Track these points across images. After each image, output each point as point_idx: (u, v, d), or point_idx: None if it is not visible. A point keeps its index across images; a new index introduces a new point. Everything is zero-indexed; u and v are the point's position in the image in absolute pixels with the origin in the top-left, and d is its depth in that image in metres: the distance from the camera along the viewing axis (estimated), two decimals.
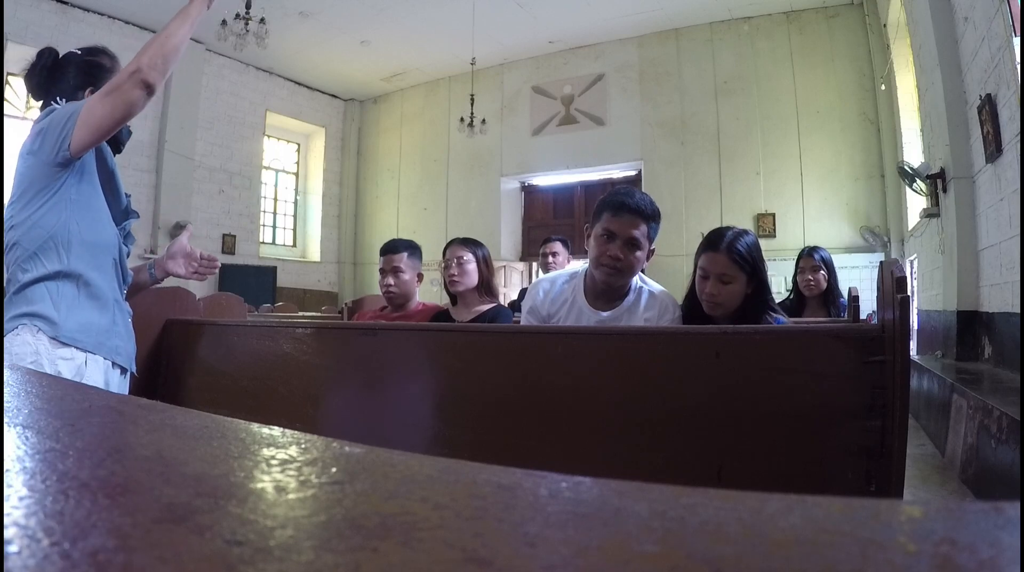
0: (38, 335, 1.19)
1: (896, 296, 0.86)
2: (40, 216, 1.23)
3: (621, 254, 1.40)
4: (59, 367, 1.20)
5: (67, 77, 1.35)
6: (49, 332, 1.20)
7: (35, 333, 1.19)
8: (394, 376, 1.28)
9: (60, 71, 1.35)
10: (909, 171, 4.54)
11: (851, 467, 0.91)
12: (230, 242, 8.07)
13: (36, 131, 1.25)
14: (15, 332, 1.19)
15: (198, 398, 1.51)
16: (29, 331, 1.19)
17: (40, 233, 1.23)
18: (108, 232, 1.32)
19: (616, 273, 1.42)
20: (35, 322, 1.20)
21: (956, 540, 0.17)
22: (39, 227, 1.23)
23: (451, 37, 7.44)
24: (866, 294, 2.52)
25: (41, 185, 1.23)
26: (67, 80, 1.34)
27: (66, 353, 1.21)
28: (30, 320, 1.20)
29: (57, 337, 1.20)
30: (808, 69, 6.69)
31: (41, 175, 1.23)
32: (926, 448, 2.98)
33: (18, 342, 1.18)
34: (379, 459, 0.27)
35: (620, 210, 1.41)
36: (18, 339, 1.18)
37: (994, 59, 3.06)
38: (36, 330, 1.19)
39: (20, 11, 6.05)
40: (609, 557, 0.17)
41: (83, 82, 1.34)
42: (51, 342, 1.19)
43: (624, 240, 1.40)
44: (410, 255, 2.14)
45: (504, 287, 7.01)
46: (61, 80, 1.34)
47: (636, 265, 1.43)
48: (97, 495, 0.22)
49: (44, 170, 1.22)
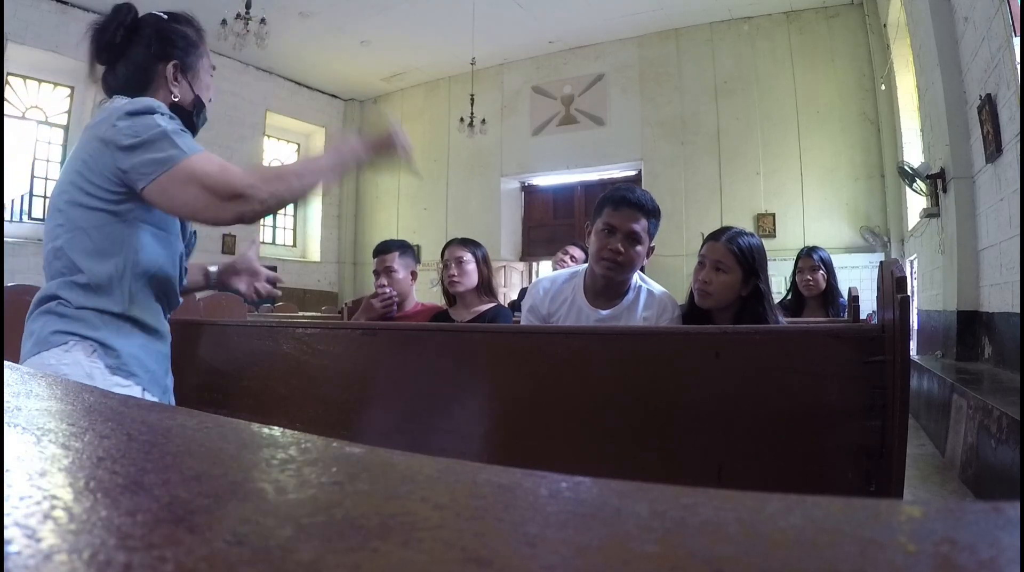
0: (93, 357, 1.04)
1: (896, 296, 0.86)
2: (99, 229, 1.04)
3: (622, 248, 1.41)
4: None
5: (150, 43, 1.12)
6: (108, 359, 1.05)
7: (90, 354, 1.04)
8: (393, 376, 1.28)
9: (138, 32, 1.12)
10: (909, 171, 4.54)
11: (851, 467, 0.91)
12: (230, 242, 8.07)
13: (134, 134, 1.00)
14: (64, 346, 1.03)
15: (198, 398, 1.51)
16: (83, 350, 1.03)
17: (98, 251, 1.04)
18: (173, 267, 1.15)
19: (616, 267, 1.42)
20: (91, 344, 1.04)
21: (956, 540, 0.17)
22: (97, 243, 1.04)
23: (451, 37, 7.44)
24: (866, 294, 2.52)
25: (104, 186, 1.03)
26: (150, 47, 1.12)
27: (124, 382, 1.06)
28: (84, 341, 1.03)
29: (116, 368, 1.05)
30: (808, 69, 6.69)
31: (108, 176, 1.03)
32: (926, 448, 2.98)
33: (68, 360, 1.02)
34: (379, 459, 0.27)
35: (620, 204, 1.42)
36: (68, 356, 1.02)
37: (994, 59, 3.06)
38: (92, 351, 1.04)
39: (20, 11, 6.05)
40: (609, 557, 0.17)
41: (163, 51, 1.13)
42: (108, 369, 1.04)
43: (624, 234, 1.41)
44: (402, 254, 2.14)
45: (504, 287, 7.01)
46: (136, 42, 1.12)
47: (636, 260, 1.43)
48: (97, 495, 0.22)
49: (114, 174, 1.03)
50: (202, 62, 1.19)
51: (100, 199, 1.04)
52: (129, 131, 1.00)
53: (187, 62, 1.15)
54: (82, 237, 1.04)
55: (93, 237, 1.04)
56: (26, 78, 6.56)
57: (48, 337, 1.03)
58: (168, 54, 1.13)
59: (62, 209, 1.06)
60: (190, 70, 1.16)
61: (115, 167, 1.01)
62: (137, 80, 1.11)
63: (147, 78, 1.12)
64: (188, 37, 1.16)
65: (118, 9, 1.12)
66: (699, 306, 1.49)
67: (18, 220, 6.52)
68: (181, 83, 1.15)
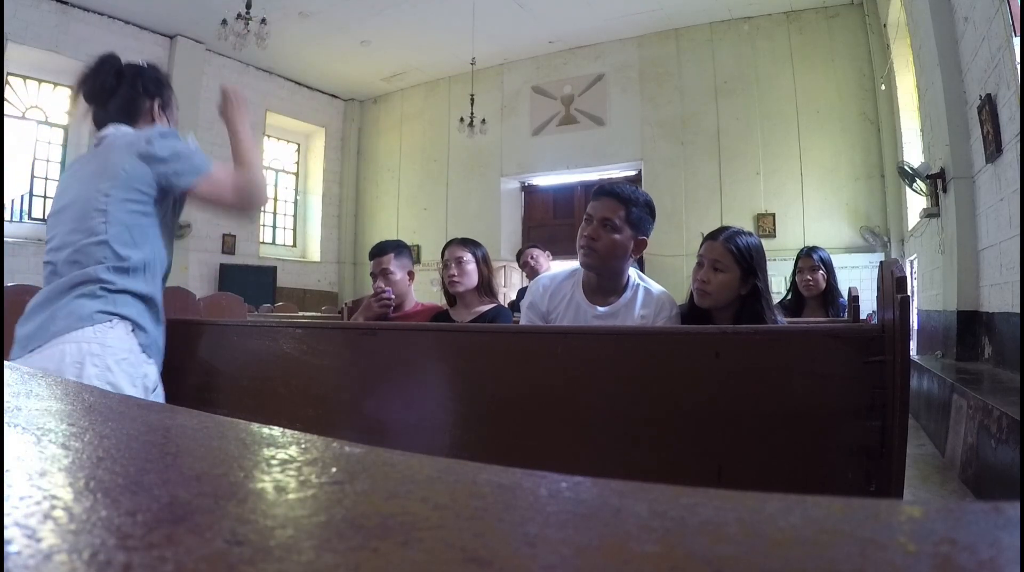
0: (132, 335, 1.23)
1: (896, 296, 0.86)
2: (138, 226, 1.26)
3: (594, 235, 1.43)
4: (146, 370, 1.25)
5: (130, 82, 1.37)
6: (141, 338, 1.25)
7: (129, 332, 1.23)
8: (394, 377, 1.28)
9: (123, 75, 1.37)
10: (909, 171, 4.54)
11: (851, 467, 0.91)
12: (230, 242, 8.07)
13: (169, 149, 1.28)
14: (109, 324, 1.20)
15: (198, 398, 1.51)
16: (124, 328, 1.22)
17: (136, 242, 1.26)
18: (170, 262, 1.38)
19: (592, 253, 1.45)
20: (130, 323, 1.23)
21: (956, 540, 0.17)
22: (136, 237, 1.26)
23: (451, 37, 7.43)
24: (866, 294, 2.52)
25: (144, 194, 1.26)
26: (140, 88, 1.37)
27: (148, 360, 1.26)
28: (124, 320, 1.23)
29: (146, 347, 1.26)
30: (808, 69, 6.69)
31: (148, 185, 1.26)
32: (926, 448, 2.98)
33: (113, 336, 1.20)
34: (379, 459, 0.27)
35: (598, 194, 1.48)
36: (113, 333, 1.20)
37: (994, 59, 3.06)
38: (131, 329, 1.23)
39: (20, 11, 6.05)
40: (609, 557, 0.17)
41: (148, 91, 1.38)
42: (140, 348, 1.24)
43: (599, 220, 1.44)
44: (397, 255, 2.14)
45: (504, 287, 7.01)
46: (124, 84, 1.36)
47: (614, 248, 1.44)
48: (97, 495, 0.22)
49: (153, 184, 1.27)
50: (174, 102, 1.47)
51: (138, 202, 1.27)
52: (165, 147, 1.28)
53: (165, 100, 1.43)
54: (123, 231, 1.25)
55: (133, 232, 1.26)
56: (26, 78, 6.56)
57: (92, 315, 1.19)
58: (152, 93, 1.39)
59: (105, 210, 1.25)
60: (168, 107, 1.43)
61: (154, 174, 1.26)
62: (127, 113, 1.36)
63: (136, 111, 1.37)
64: (163, 82, 1.43)
65: (104, 60, 1.37)
66: (698, 305, 1.49)
67: (18, 220, 6.51)
68: (162, 117, 1.41)
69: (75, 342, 1.16)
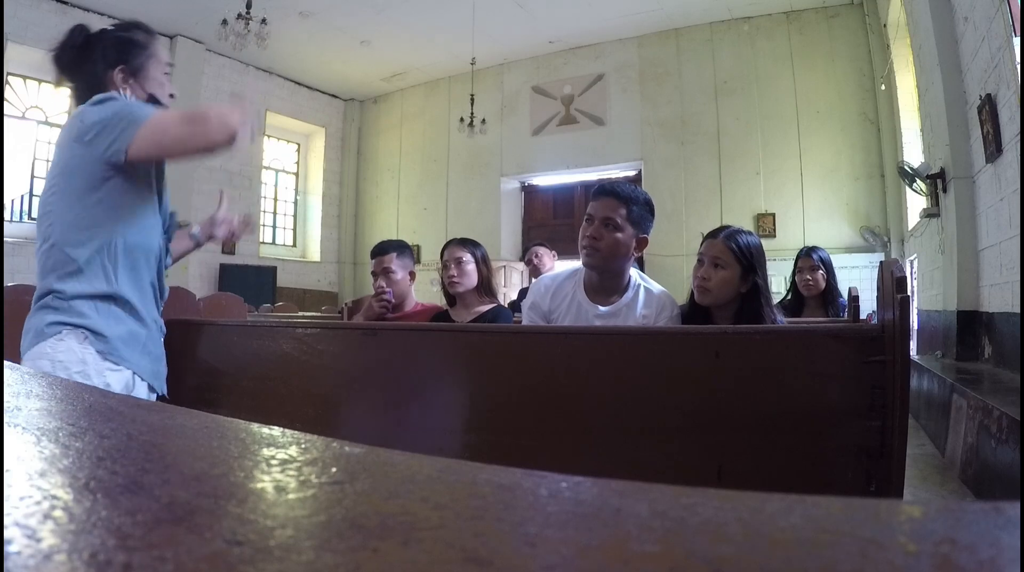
0: (85, 344, 1.13)
1: (896, 296, 0.86)
2: (84, 218, 1.15)
3: (597, 234, 1.44)
4: (108, 379, 1.15)
5: (98, 55, 1.24)
6: (98, 345, 1.14)
7: (82, 341, 1.13)
8: (394, 377, 1.28)
9: (91, 49, 1.24)
10: (909, 171, 4.54)
11: (851, 467, 0.91)
12: (230, 242, 8.07)
13: (94, 121, 1.13)
14: (58, 337, 1.12)
15: (198, 398, 1.51)
16: (75, 338, 1.13)
17: (83, 239, 1.15)
18: (154, 244, 1.26)
19: (595, 253, 1.45)
20: (83, 331, 1.13)
21: (956, 540, 0.17)
22: (83, 232, 1.15)
23: (451, 37, 7.44)
24: (866, 294, 2.52)
25: (86, 180, 1.15)
26: (98, 58, 1.24)
27: (115, 366, 1.16)
28: (76, 329, 1.13)
29: (107, 353, 1.15)
30: (808, 69, 6.69)
31: (88, 169, 1.14)
32: (926, 448, 2.98)
33: (62, 348, 1.11)
34: (379, 459, 0.27)
35: (598, 194, 1.49)
36: (62, 345, 1.11)
37: (994, 59, 3.06)
38: (83, 338, 1.13)
39: (20, 11, 6.05)
40: (609, 557, 0.17)
41: (115, 59, 1.24)
42: (99, 355, 1.14)
43: (600, 220, 1.44)
44: (399, 255, 2.13)
45: (504, 287, 7.00)
46: (92, 58, 1.24)
47: (616, 247, 1.45)
48: (97, 495, 0.22)
49: (93, 165, 1.14)
50: (151, 62, 1.29)
51: (81, 188, 1.15)
52: (94, 117, 1.13)
53: (135, 64, 1.26)
54: (68, 229, 1.15)
55: (77, 224, 1.15)
56: (26, 78, 6.56)
57: (44, 329, 1.13)
58: (114, 61, 1.24)
59: (51, 210, 1.16)
60: (139, 71, 1.26)
61: (92, 154, 1.13)
62: (92, 90, 1.22)
63: (100, 86, 1.22)
64: (134, 41, 1.27)
65: (71, 32, 1.26)
66: (698, 303, 1.50)
67: (18, 220, 6.52)
68: (132, 84, 1.25)
69: (32, 360, 1.12)
